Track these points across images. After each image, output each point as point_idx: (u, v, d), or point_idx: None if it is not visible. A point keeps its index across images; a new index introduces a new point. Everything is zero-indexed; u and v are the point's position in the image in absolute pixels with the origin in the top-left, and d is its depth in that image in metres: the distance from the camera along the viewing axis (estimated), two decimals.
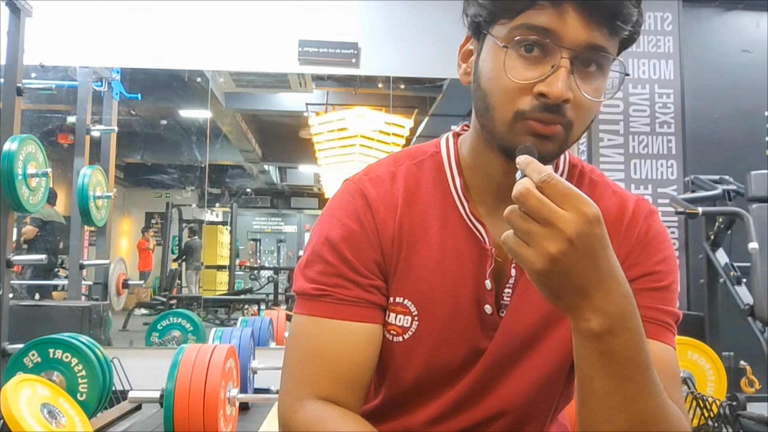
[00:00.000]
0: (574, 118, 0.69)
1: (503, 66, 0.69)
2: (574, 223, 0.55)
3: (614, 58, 0.70)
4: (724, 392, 2.60)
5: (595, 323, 0.59)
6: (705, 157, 3.83)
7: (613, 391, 0.61)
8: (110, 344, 3.82)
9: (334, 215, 0.79)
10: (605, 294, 0.58)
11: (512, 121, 0.70)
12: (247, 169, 7.44)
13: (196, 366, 2.02)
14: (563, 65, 0.67)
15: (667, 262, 0.79)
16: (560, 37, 0.67)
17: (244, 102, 5.66)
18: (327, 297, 0.75)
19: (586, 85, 0.69)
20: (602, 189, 0.82)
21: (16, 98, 2.65)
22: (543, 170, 0.57)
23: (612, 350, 0.59)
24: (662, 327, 0.75)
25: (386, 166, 0.83)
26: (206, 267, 6.74)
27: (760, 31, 4.06)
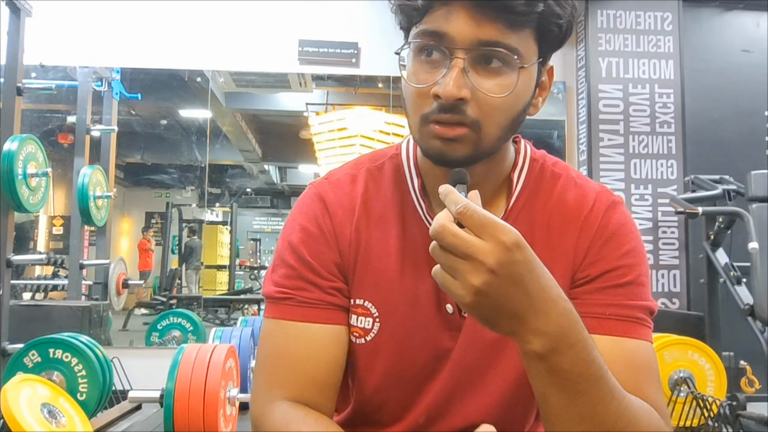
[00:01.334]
0: (480, 116, 0.69)
1: (409, 72, 0.71)
2: (493, 253, 0.55)
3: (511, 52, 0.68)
4: (724, 392, 2.60)
5: (537, 345, 0.58)
6: (705, 157, 3.83)
7: (568, 406, 0.61)
8: (110, 344, 3.82)
9: (295, 219, 0.81)
10: (541, 316, 0.58)
11: (420, 125, 0.71)
12: (247, 169, 7.44)
13: (196, 366, 2.02)
14: (455, 65, 0.67)
15: (632, 255, 0.77)
16: (451, 38, 0.67)
17: (244, 102, 5.66)
18: (290, 300, 0.78)
19: (487, 81, 0.68)
20: (564, 182, 0.81)
21: (16, 98, 2.65)
22: (459, 201, 0.57)
23: (559, 368, 0.59)
24: (632, 323, 0.74)
25: (347, 170, 0.84)
26: (206, 267, 6.73)
27: (760, 31, 4.06)
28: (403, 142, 0.86)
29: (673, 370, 2.57)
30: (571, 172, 0.84)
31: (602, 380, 0.61)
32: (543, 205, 0.80)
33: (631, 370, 0.71)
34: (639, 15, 3.93)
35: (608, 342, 0.72)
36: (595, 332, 0.72)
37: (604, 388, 0.61)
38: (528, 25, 0.68)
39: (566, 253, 0.77)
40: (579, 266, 0.77)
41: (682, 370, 2.58)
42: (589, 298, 0.75)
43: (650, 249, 3.79)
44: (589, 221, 0.78)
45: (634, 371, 0.71)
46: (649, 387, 0.71)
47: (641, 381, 0.71)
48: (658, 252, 3.79)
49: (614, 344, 0.72)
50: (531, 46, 0.70)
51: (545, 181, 0.81)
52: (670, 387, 2.56)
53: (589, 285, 0.76)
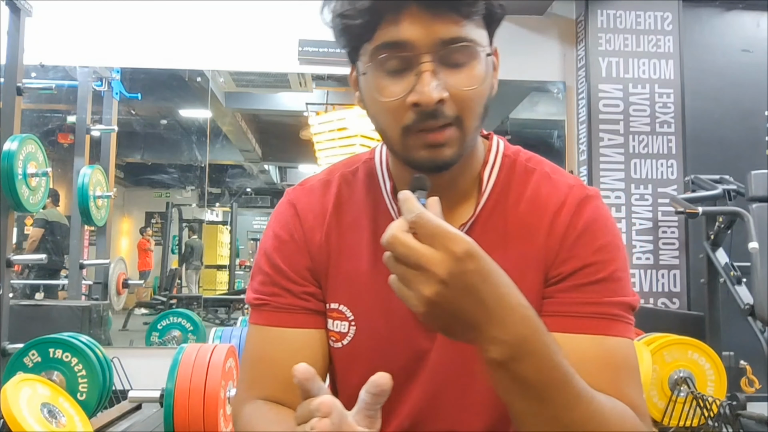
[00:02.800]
0: (460, 112, 0.69)
1: (375, 89, 0.70)
2: (443, 263, 0.54)
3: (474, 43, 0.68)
4: (724, 392, 2.59)
5: (496, 353, 0.58)
6: (705, 156, 3.83)
7: (533, 413, 0.60)
8: (110, 344, 3.82)
9: (270, 227, 0.83)
10: (498, 325, 0.57)
11: (403, 137, 0.70)
12: (247, 169, 7.44)
13: (196, 366, 2.02)
14: (425, 69, 0.67)
15: (606, 250, 0.75)
16: (413, 45, 0.67)
17: (244, 102, 5.66)
18: (266, 306, 0.80)
19: (457, 77, 0.68)
20: (538, 177, 0.80)
21: (16, 98, 2.65)
22: (413, 210, 0.56)
23: (520, 375, 0.58)
24: (608, 320, 0.72)
25: (322, 176, 0.86)
26: (206, 267, 6.73)
27: (761, 31, 4.06)
28: (377, 146, 0.86)
29: (673, 370, 2.57)
30: (545, 167, 0.82)
31: (567, 385, 0.60)
32: (515, 202, 0.78)
33: (608, 368, 0.70)
34: (639, 15, 3.93)
35: (584, 341, 0.71)
36: (570, 331, 0.71)
37: (569, 394, 0.60)
38: (478, 13, 0.68)
39: (538, 252, 0.76)
40: (552, 264, 0.75)
41: (682, 370, 2.57)
42: (563, 296, 0.74)
43: (650, 249, 3.79)
44: (560, 217, 0.76)
45: (610, 370, 0.70)
46: (627, 385, 0.70)
47: (618, 380, 0.70)
48: (658, 252, 3.79)
49: (590, 343, 0.71)
50: (483, 31, 0.71)
51: (517, 178, 0.80)
52: (670, 387, 2.56)
53: (562, 283, 0.74)
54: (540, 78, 4.17)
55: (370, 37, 0.69)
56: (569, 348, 0.69)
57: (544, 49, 4.09)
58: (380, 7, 0.67)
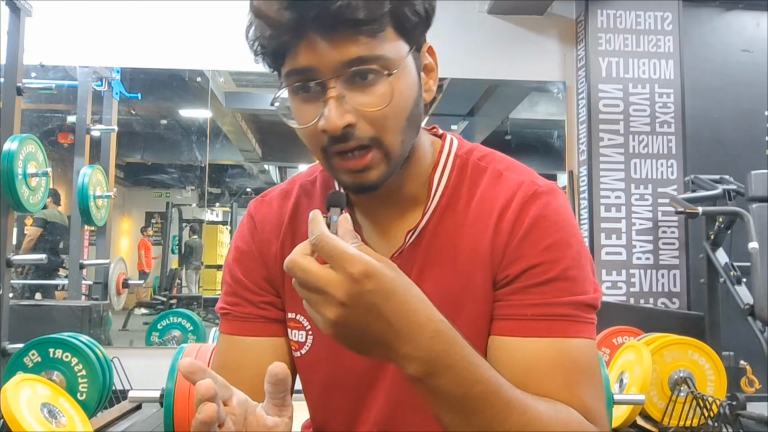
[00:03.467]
0: (376, 132, 0.68)
1: (294, 113, 0.71)
2: (342, 285, 0.54)
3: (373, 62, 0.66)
4: (724, 392, 2.59)
5: (411, 369, 0.57)
6: (705, 156, 3.83)
7: (461, 426, 0.59)
8: (110, 344, 3.82)
9: (234, 239, 0.86)
10: (408, 342, 0.56)
11: (324, 159, 0.71)
12: (247, 169, 7.43)
13: None
14: (329, 96, 0.66)
15: (555, 249, 0.71)
16: (317, 70, 0.66)
17: (244, 101, 5.65)
18: (229, 315, 0.82)
19: (365, 98, 0.67)
20: (489, 176, 0.77)
21: (16, 98, 2.65)
22: (315, 231, 0.56)
23: (441, 390, 0.58)
24: (559, 321, 0.69)
25: (283, 186, 0.87)
26: (206, 267, 6.73)
27: (761, 30, 4.06)
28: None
29: (673, 370, 2.57)
30: (498, 165, 0.78)
31: (494, 397, 0.59)
32: (465, 204, 0.76)
33: (559, 372, 0.67)
34: (639, 15, 3.93)
35: (534, 344, 0.68)
36: (519, 335, 0.69)
37: (497, 405, 0.59)
38: (382, 26, 0.66)
39: (485, 254, 0.73)
40: (499, 266, 0.72)
41: (682, 370, 2.57)
42: (511, 299, 0.71)
43: (650, 249, 3.79)
44: (505, 216, 0.73)
45: (561, 372, 0.67)
46: (579, 388, 0.67)
47: (569, 381, 0.67)
48: (658, 252, 3.79)
49: (540, 346, 0.68)
50: (395, 42, 0.68)
51: (468, 178, 0.77)
52: (670, 387, 2.56)
53: (510, 286, 0.72)
54: (540, 78, 4.17)
55: (281, 63, 0.69)
56: (518, 352, 0.69)
57: (544, 49, 4.09)
58: (280, 35, 0.66)
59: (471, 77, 4.11)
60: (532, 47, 4.07)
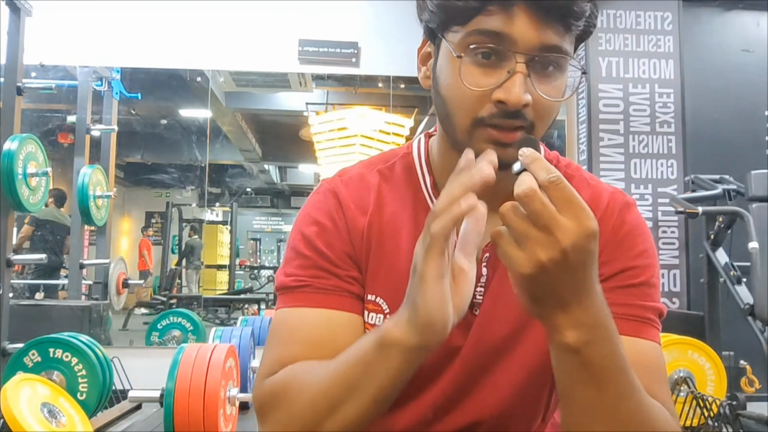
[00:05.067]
0: (535, 119, 0.69)
1: (459, 74, 0.68)
2: (572, 233, 0.54)
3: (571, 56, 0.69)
4: (724, 392, 2.59)
5: (572, 337, 0.58)
6: (705, 156, 3.83)
7: (593, 399, 0.61)
8: (110, 344, 3.81)
9: (309, 214, 0.81)
10: (583, 307, 0.58)
11: (471, 127, 0.69)
12: (247, 169, 7.44)
13: (196, 365, 2.02)
14: (519, 70, 0.66)
15: (645, 256, 0.77)
16: (513, 41, 0.66)
17: (244, 101, 5.66)
18: (306, 287, 0.76)
19: (544, 86, 0.68)
20: (578, 182, 0.81)
21: (16, 98, 2.65)
22: (552, 170, 0.55)
23: (590, 361, 0.59)
24: (643, 323, 0.74)
25: (359, 169, 0.84)
26: (206, 266, 6.74)
27: (761, 30, 4.06)
28: (414, 142, 0.86)
29: (673, 370, 2.57)
30: (583, 173, 0.84)
31: (626, 373, 0.61)
32: None
33: (643, 370, 0.70)
34: (639, 15, 3.93)
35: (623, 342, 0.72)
36: None
37: (626, 382, 0.62)
38: (580, 27, 0.68)
39: None
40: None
41: (682, 370, 2.57)
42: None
43: None
44: (604, 222, 0.76)
45: (645, 372, 0.70)
46: (659, 388, 0.71)
47: (652, 382, 0.70)
48: (659, 252, 3.79)
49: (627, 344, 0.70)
50: (572, 47, 0.71)
51: None
52: (670, 386, 2.56)
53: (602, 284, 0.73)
54: None
55: (466, 21, 0.68)
56: None
57: None
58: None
59: None
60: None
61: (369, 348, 0.63)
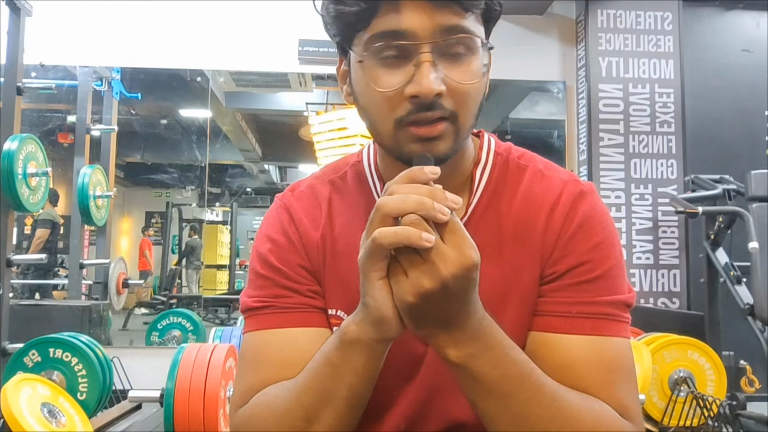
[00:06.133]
0: (456, 107, 0.67)
1: (369, 78, 0.67)
2: (453, 264, 0.55)
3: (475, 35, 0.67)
4: (724, 392, 2.59)
5: (453, 354, 0.59)
6: (705, 156, 3.83)
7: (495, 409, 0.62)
8: (110, 344, 3.81)
9: (264, 232, 0.80)
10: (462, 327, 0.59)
11: (395, 130, 0.68)
12: (247, 169, 7.43)
13: (196, 365, 2.02)
14: (424, 60, 0.64)
15: (601, 248, 0.73)
16: (412, 33, 0.65)
17: (244, 101, 5.65)
18: (269, 308, 0.75)
19: (456, 70, 0.66)
20: (531, 174, 0.78)
21: (16, 97, 2.65)
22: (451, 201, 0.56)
23: (479, 372, 0.60)
24: (601, 320, 0.71)
25: (311, 181, 0.84)
26: (206, 266, 6.73)
27: (761, 30, 4.06)
28: (365, 149, 0.85)
29: (673, 370, 2.57)
30: (538, 163, 0.80)
31: (528, 379, 0.61)
32: (509, 201, 0.77)
33: (598, 368, 0.69)
34: (639, 15, 3.93)
35: (576, 341, 0.70)
36: (562, 331, 0.70)
37: (529, 388, 0.61)
38: (479, 6, 0.67)
39: (534, 250, 0.74)
40: (546, 262, 0.74)
41: (682, 370, 2.57)
42: (557, 295, 0.72)
43: (650, 249, 3.79)
44: (555, 214, 0.74)
45: (601, 370, 0.69)
46: (618, 386, 0.69)
47: (608, 379, 0.69)
48: (658, 252, 3.79)
49: (582, 343, 0.70)
50: (481, 28, 0.69)
51: (510, 175, 0.78)
52: (670, 387, 2.56)
53: (556, 282, 0.73)
54: (540, 78, 4.17)
55: (365, 25, 0.67)
56: (560, 348, 0.69)
57: (544, 49, 4.09)
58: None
59: None
60: (532, 47, 4.07)
61: (332, 351, 0.64)
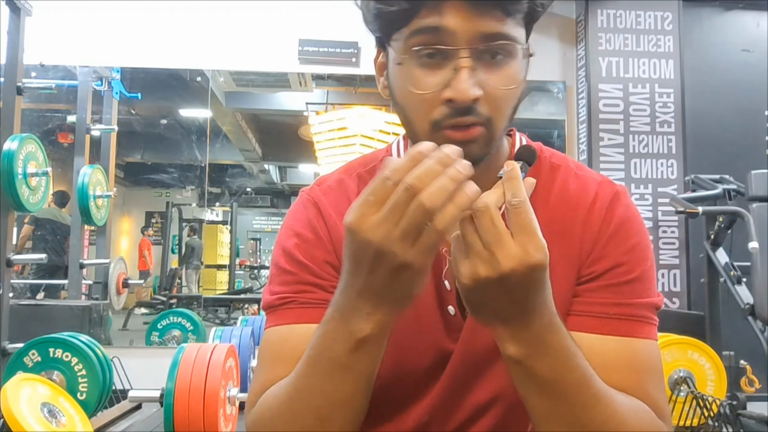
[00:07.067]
0: (491, 112, 0.67)
1: (406, 79, 0.67)
2: (514, 259, 0.54)
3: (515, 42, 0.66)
4: (724, 391, 2.60)
5: (512, 350, 0.59)
6: (705, 156, 3.83)
7: (550, 411, 0.62)
8: (110, 343, 3.82)
9: (289, 227, 0.79)
10: (524, 324, 0.58)
11: (431, 132, 0.68)
12: (247, 169, 7.44)
13: (196, 365, 2.02)
14: (463, 65, 0.64)
15: (637, 250, 0.74)
16: (452, 36, 0.64)
17: (244, 101, 5.66)
18: (290, 303, 0.75)
19: (494, 75, 0.66)
20: (564, 174, 0.78)
21: (16, 97, 2.65)
22: (519, 194, 0.56)
23: (535, 373, 0.60)
24: (636, 322, 0.72)
25: (338, 175, 0.83)
26: (206, 266, 6.73)
27: (760, 30, 4.06)
28: (394, 143, 0.84)
29: (673, 370, 2.57)
30: (569, 162, 0.80)
31: (585, 386, 0.61)
32: (544, 199, 0.77)
33: (633, 370, 0.70)
34: (639, 15, 3.93)
35: (610, 342, 0.71)
36: (597, 332, 0.71)
37: (586, 394, 0.62)
38: (521, 10, 0.66)
39: (571, 250, 0.74)
40: (584, 263, 0.74)
41: (682, 370, 2.57)
42: (592, 296, 0.73)
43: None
44: (592, 215, 0.75)
45: (635, 371, 0.70)
46: (651, 386, 0.70)
47: (643, 381, 0.70)
48: (659, 252, 3.79)
49: (616, 345, 0.71)
50: (522, 30, 0.69)
51: (544, 174, 0.78)
52: (670, 386, 2.56)
53: (593, 282, 0.73)
54: (540, 78, 4.17)
55: (404, 24, 0.67)
56: (595, 349, 0.70)
57: (544, 49, 4.09)
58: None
59: None
60: (532, 47, 4.06)
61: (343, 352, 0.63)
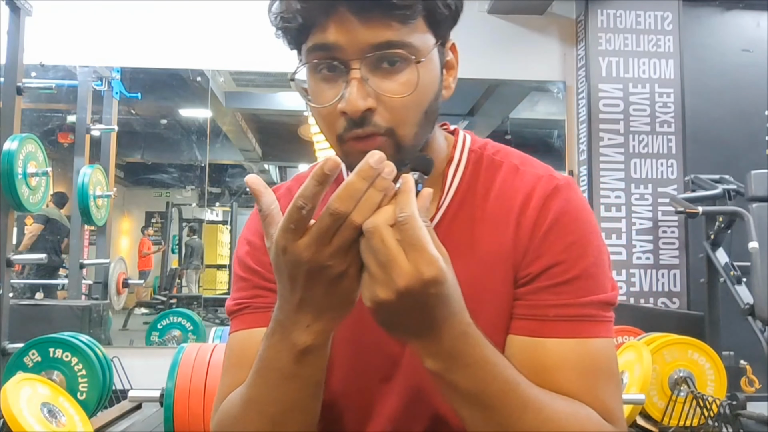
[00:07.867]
0: (391, 122, 0.66)
1: (312, 93, 0.68)
2: (407, 277, 0.53)
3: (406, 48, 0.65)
4: (724, 391, 2.59)
5: (430, 363, 0.59)
6: (705, 156, 3.83)
7: (477, 419, 0.61)
8: (110, 343, 3.82)
9: (243, 235, 0.81)
10: (435, 339, 0.57)
11: (338, 145, 0.68)
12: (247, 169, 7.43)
13: (196, 365, 2.02)
14: (353, 77, 0.64)
15: (576, 246, 0.70)
16: (342, 48, 0.64)
17: (245, 101, 5.65)
18: (247, 309, 0.76)
19: (388, 84, 0.65)
20: (505, 171, 0.76)
21: (16, 97, 2.65)
22: (406, 209, 0.54)
23: (457, 386, 0.59)
24: (580, 322, 0.68)
25: (289, 183, 0.85)
26: (206, 266, 6.73)
27: (760, 30, 4.06)
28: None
29: (673, 370, 2.57)
30: (513, 159, 0.77)
31: (510, 394, 0.60)
32: (482, 199, 0.75)
33: (579, 372, 0.67)
34: (639, 15, 3.93)
35: (556, 345, 0.68)
36: (540, 335, 0.69)
37: (512, 403, 0.60)
38: (415, 15, 0.65)
39: (507, 250, 0.72)
40: (520, 263, 0.71)
41: (681, 370, 2.57)
42: (532, 298, 0.70)
43: (650, 249, 3.79)
44: (527, 212, 0.72)
45: (582, 373, 0.67)
46: (599, 388, 0.68)
47: (591, 384, 0.67)
48: (658, 252, 3.79)
49: (559, 347, 0.68)
50: (424, 33, 0.67)
51: (483, 173, 0.76)
52: (670, 387, 2.56)
53: (531, 284, 0.71)
54: (540, 78, 4.17)
55: (303, 41, 0.68)
56: (540, 352, 0.68)
57: (544, 49, 4.09)
58: (311, 9, 0.64)
59: (471, 77, 4.11)
60: (532, 47, 4.07)
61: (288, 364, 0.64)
